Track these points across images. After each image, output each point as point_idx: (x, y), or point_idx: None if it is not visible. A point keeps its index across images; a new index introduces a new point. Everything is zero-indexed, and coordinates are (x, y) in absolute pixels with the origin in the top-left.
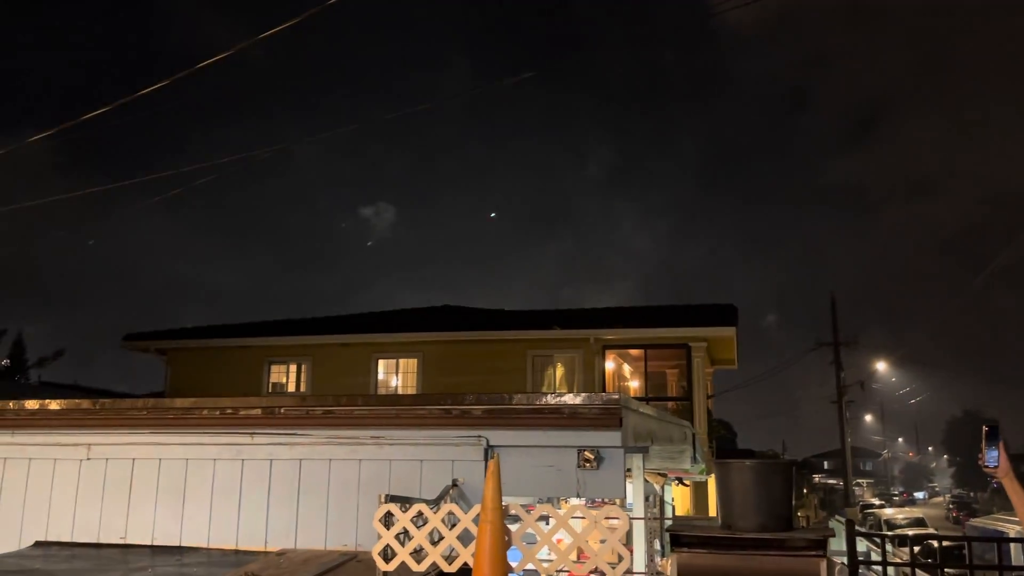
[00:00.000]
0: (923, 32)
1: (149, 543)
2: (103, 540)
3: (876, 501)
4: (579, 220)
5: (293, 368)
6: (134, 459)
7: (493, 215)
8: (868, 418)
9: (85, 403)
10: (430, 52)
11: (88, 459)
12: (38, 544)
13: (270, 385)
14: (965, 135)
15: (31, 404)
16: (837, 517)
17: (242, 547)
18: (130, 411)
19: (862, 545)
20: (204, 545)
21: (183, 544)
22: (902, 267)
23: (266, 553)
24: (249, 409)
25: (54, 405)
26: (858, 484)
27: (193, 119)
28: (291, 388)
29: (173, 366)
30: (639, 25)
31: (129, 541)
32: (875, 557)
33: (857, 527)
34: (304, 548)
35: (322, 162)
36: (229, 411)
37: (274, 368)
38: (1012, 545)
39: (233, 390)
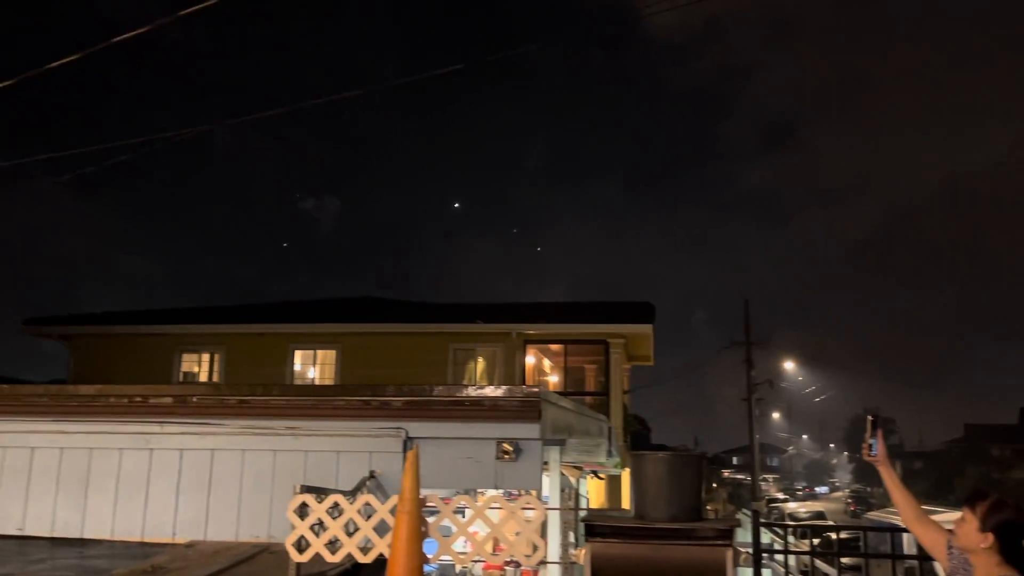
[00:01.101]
0: (836, 48)
1: (49, 535)
2: (1, 532)
3: (781, 495)
4: (509, 217)
5: (206, 357)
6: (33, 447)
7: (456, 204)
8: (776, 416)
9: None
10: (360, 42)
11: None
12: None
13: (181, 375)
14: (872, 147)
15: None
16: (744, 510)
17: (148, 539)
18: (29, 397)
19: (766, 536)
20: (108, 537)
21: (85, 536)
22: (812, 271)
23: (174, 545)
24: (159, 397)
25: None
26: (764, 479)
27: (109, 98)
28: (203, 378)
29: (77, 353)
30: (569, 27)
31: (28, 533)
32: (779, 547)
33: (762, 519)
34: (215, 540)
35: (247, 148)
36: (138, 399)
37: (186, 357)
38: (905, 535)
39: (141, 379)
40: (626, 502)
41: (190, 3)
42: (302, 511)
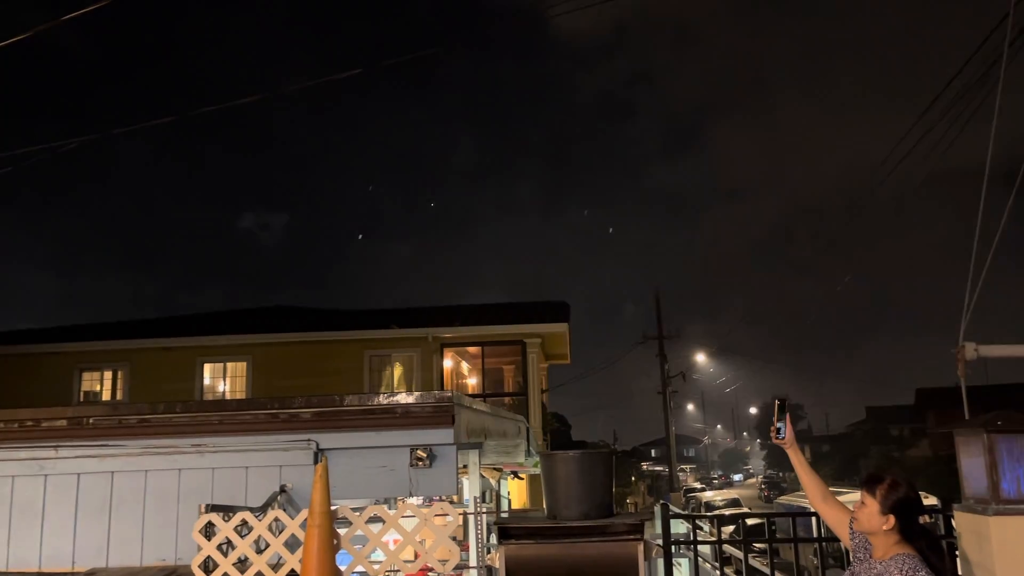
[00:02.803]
0: (737, 49)
1: None
2: None
3: (698, 485)
4: (424, 221)
5: (108, 375)
6: None
7: (371, 187)
8: (690, 407)
9: None
10: (267, 44)
11: None
12: None
13: (81, 394)
14: (773, 146)
15: None
16: (663, 501)
17: (46, 569)
18: None
19: (683, 527)
20: (2, 569)
21: None
22: (720, 267)
23: (73, 574)
24: (52, 420)
25: None
26: (682, 470)
27: None
28: (106, 396)
29: None
30: (477, 30)
31: None
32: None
33: (676, 509)
34: (118, 566)
35: (149, 161)
36: (29, 423)
37: (86, 375)
38: (814, 519)
39: (39, 401)
40: None
41: (79, 10)
42: (208, 531)
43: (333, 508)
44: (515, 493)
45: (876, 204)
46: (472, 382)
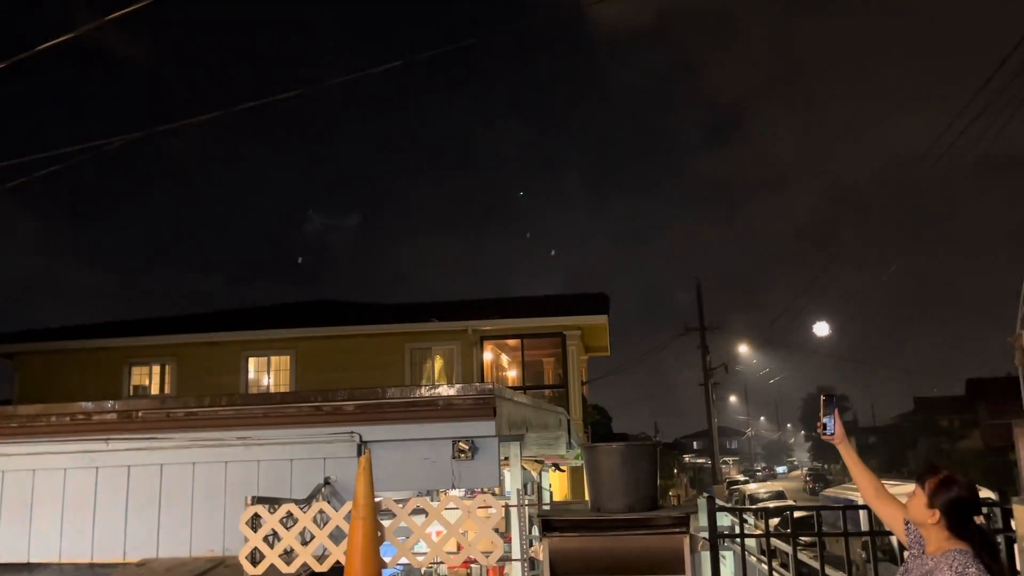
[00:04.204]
0: (779, 39)
1: None
2: None
3: (741, 477)
4: (465, 216)
5: (156, 369)
6: None
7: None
8: (733, 399)
9: None
10: (305, 39)
11: None
12: None
13: (131, 388)
14: (816, 134)
15: None
16: (705, 494)
17: (98, 560)
18: None
19: (727, 520)
20: (56, 560)
21: (32, 560)
22: (762, 256)
23: (125, 564)
24: (103, 414)
25: None
26: (725, 462)
27: (40, 106)
28: (155, 390)
29: (23, 371)
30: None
31: None
32: (739, 530)
33: (721, 502)
34: (167, 557)
35: (196, 158)
36: (81, 417)
37: (136, 370)
38: (861, 512)
39: (91, 395)
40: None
41: (128, 9)
42: (255, 522)
43: (377, 500)
44: (556, 485)
45: (923, 191)
46: (512, 375)
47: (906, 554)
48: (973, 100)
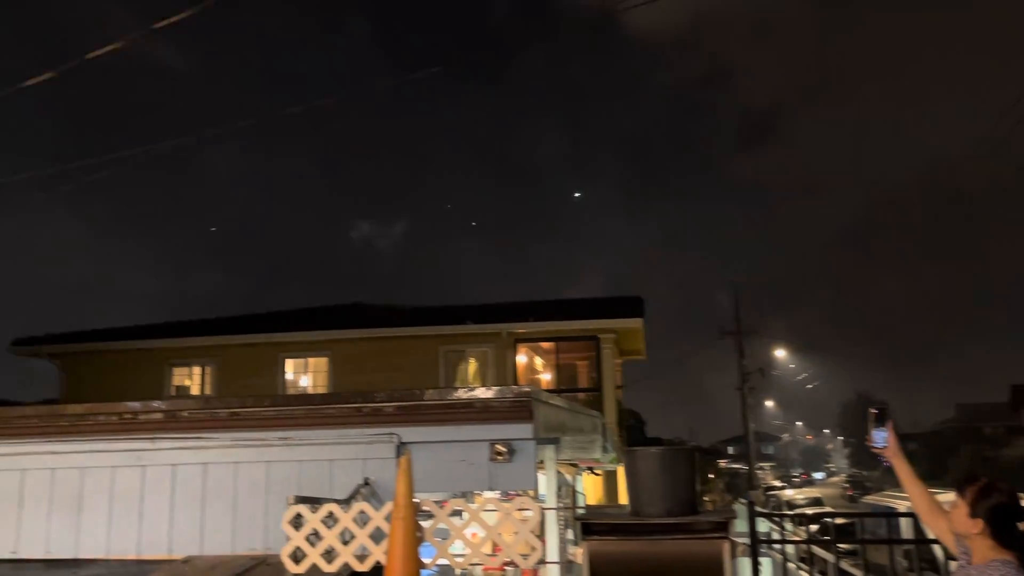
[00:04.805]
0: (815, 40)
1: (43, 557)
2: None
3: (778, 483)
4: (499, 218)
5: (197, 370)
6: (25, 469)
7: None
8: (769, 404)
9: None
10: (340, 47)
11: None
12: None
13: (173, 389)
14: (854, 137)
15: None
16: (741, 500)
17: (145, 556)
18: (19, 419)
19: (764, 525)
20: (103, 556)
21: (80, 556)
22: (799, 260)
23: (170, 561)
24: (149, 413)
25: None
26: (761, 467)
27: (88, 113)
28: (195, 391)
29: (69, 372)
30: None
31: (21, 556)
32: (777, 536)
33: (759, 508)
34: (211, 554)
35: (235, 163)
36: (128, 416)
37: (177, 371)
38: (902, 520)
39: (133, 395)
40: (623, 497)
41: (171, 21)
42: (297, 522)
43: (415, 501)
44: (590, 489)
45: (968, 193)
46: (546, 378)
47: (952, 564)
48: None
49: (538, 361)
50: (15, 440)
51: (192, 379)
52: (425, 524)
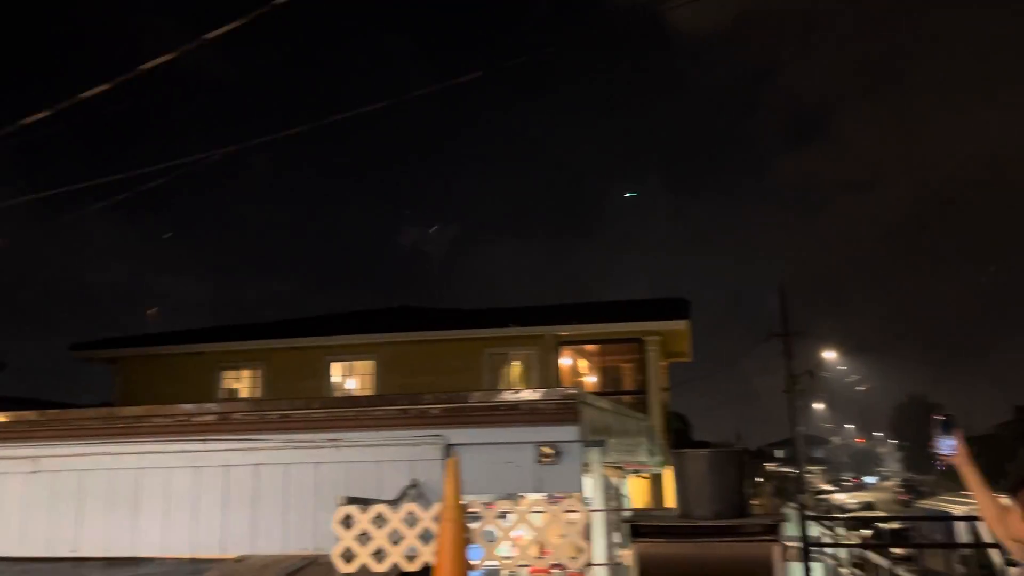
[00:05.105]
0: (864, 35)
1: (102, 555)
2: (55, 554)
3: (828, 487)
4: (541, 219)
5: (246, 374)
6: (84, 470)
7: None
8: (818, 406)
9: (31, 415)
10: (382, 53)
11: (36, 472)
12: None
13: (222, 392)
14: (905, 133)
15: None
16: (790, 503)
17: (199, 555)
18: (78, 421)
19: (816, 529)
20: (160, 555)
21: (137, 555)
22: (848, 260)
23: (224, 560)
24: (203, 415)
25: None
26: (810, 471)
27: (140, 124)
28: (244, 394)
29: (122, 375)
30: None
31: (81, 554)
32: (828, 541)
33: (809, 512)
34: (264, 553)
35: (279, 166)
36: (182, 418)
37: (226, 374)
38: (958, 524)
39: (184, 398)
40: (669, 501)
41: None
42: (347, 522)
43: (463, 502)
44: (635, 492)
45: (1021, 191)
46: (590, 380)
47: (1013, 571)
48: None
49: (582, 363)
50: (75, 442)
51: (241, 382)
52: (473, 525)
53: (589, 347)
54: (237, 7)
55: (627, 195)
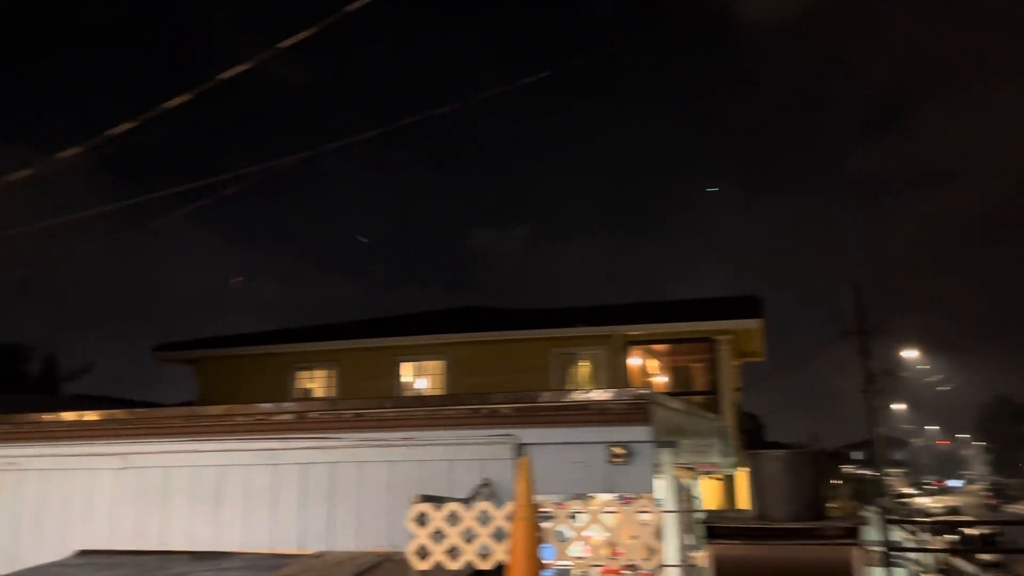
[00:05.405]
0: (941, 21)
1: (187, 549)
2: (142, 547)
3: (909, 490)
4: (610, 218)
5: (319, 374)
6: (169, 467)
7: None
8: (898, 407)
9: (120, 413)
10: (449, 55)
11: (125, 468)
12: (81, 553)
13: (297, 391)
14: (984, 122)
15: (68, 416)
16: (869, 507)
17: (279, 550)
18: (164, 420)
19: (897, 534)
20: (240, 549)
21: (220, 549)
22: (928, 254)
23: (302, 556)
24: (281, 415)
25: (91, 416)
26: (889, 474)
27: (220, 131)
28: (318, 393)
29: (202, 375)
30: (652, 22)
31: (167, 547)
32: (911, 545)
33: (892, 516)
34: (340, 550)
35: (352, 168)
36: (261, 417)
37: (300, 374)
38: None
39: (261, 397)
40: (742, 502)
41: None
42: (421, 520)
43: (535, 501)
44: (707, 493)
45: None
46: (659, 380)
47: None
48: None
49: (651, 363)
50: (161, 439)
51: (315, 382)
52: (544, 525)
53: (658, 347)
54: (307, 14)
55: (708, 189)
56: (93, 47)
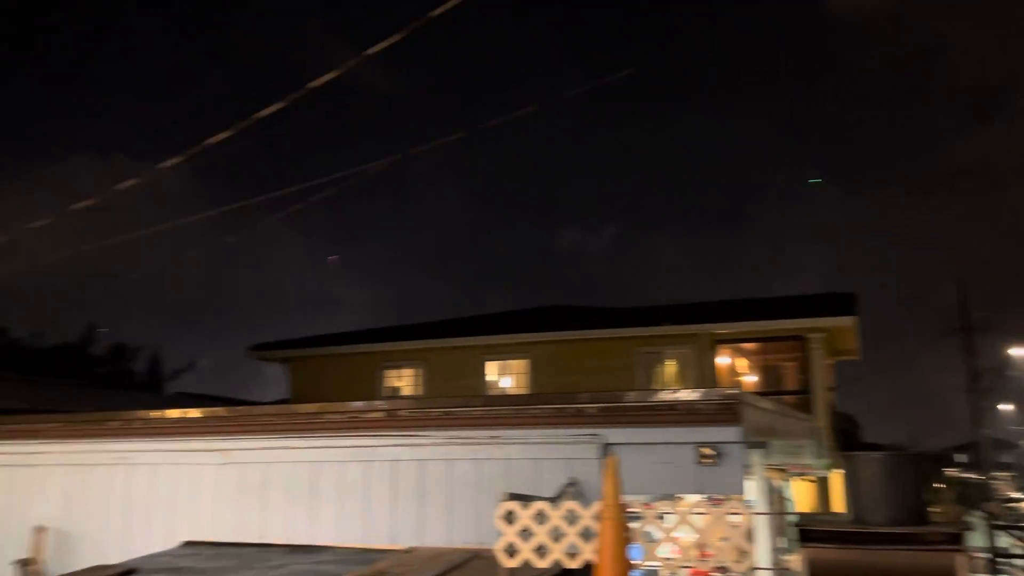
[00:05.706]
0: None
1: (285, 542)
2: (243, 540)
3: (1017, 495)
4: (698, 215)
5: (407, 372)
6: (267, 463)
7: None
8: (1006, 407)
9: (221, 411)
10: (532, 57)
11: (226, 463)
12: (187, 544)
13: (385, 390)
14: None
15: (173, 413)
16: (975, 512)
17: (371, 545)
18: (262, 417)
19: (1005, 540)
20: (335, 544)
21: (315, 543)
22: None
23: (394, 551)
24: (372, 412)
25: (194, 413)
26: (996, 477)
27: (310, 138)
28: (405, 392)
29: (295, 374)
30: (735, 16)
31: (267, 540)
32: (1020, 552)
33: (998, 521)
34: (431, 546)
35: (440, 170)
36: (353, 415)
37: (388, 373)
38: None
39: (351, 395)
40: (837, 505)
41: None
42: (509, 518)
43: (623, 501)
44: (800, 495)
45: None
46: (749, 380)
47: None
48: None
49: (740, 362)
50: (259, 436)
51: (402, 380)
52: (632, 525)
53: (748, 345)
54: (391, 21)
55: (811, 181)
56: (190, 57)
